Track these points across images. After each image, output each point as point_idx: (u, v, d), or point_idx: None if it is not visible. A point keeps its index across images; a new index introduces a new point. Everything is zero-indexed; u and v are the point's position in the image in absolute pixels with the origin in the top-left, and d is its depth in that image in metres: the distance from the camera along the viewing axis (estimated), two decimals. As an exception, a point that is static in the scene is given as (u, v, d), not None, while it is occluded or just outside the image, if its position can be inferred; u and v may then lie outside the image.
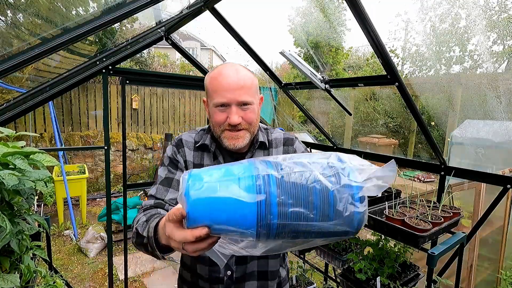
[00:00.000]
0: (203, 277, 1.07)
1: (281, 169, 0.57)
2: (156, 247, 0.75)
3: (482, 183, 2.39)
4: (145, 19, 2.23)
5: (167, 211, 0.93)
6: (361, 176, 0.55)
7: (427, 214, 1.50)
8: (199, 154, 1.08)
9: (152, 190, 1.04)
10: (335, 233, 0.55)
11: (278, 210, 0.53)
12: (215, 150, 1.06)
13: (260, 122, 1.10)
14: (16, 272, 0.98)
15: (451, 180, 1.78)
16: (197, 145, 1.08)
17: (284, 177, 0.55)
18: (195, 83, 2.62)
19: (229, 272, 1.06)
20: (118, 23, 2.05)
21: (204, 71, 2.55)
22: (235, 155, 1.07)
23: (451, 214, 1.51)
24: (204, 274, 1.07)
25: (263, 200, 0.53)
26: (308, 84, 2.27)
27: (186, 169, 1.06)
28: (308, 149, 1.21)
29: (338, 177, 0.54)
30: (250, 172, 0.57)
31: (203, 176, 0.57)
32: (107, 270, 3.05)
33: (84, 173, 4.52)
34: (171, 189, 1.02)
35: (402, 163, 2.05)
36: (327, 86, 2.09)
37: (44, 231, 1.22)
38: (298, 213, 0.53)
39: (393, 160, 0.58)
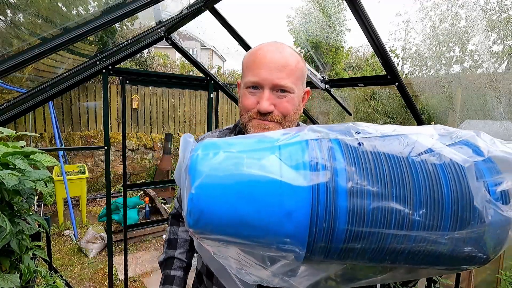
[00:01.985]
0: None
1: (357, 132, 0.31)
2: None
3: (482, 183, 2.39)
4: (145, 19, 2.23)
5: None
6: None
7: (427, 214, 1.50)
8: None
9: (173, 210, 1.03)
10: (458, 257, 0.27)
11: (349, 204, 0.26)
12: None
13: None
14: (16, 272, 0.98)
15: (451, 180, 1.78)
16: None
17: (364, 144, 0.29)
18: (195, 83, 2.62)
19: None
20: (119, 23, 2.05)
21: (204, 71, 2.55)
22: None
23: (451, 214, 1.51)
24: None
25: (322, 183, 0.27)
26: (308, 84, 2.27)
27: None
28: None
29: (467, 149, 0.29)
30: (301, 137, 0.32)
31: (221, 144, 0.35)
32: (107, 270, 3.05)
33: (84, 173, 4.52)
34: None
35: (402, 163, 2.05)
36: (327, 86, 2.09)
37: (44, 231, 1.22)
38: (391, 212, 0.25)
39: None
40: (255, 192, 0.28)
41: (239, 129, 0.89)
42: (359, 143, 0.29)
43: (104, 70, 2.07)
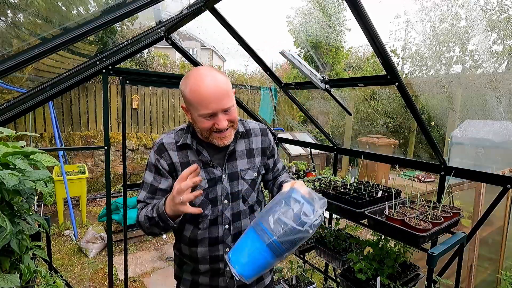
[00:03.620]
0: (204, 260, 1.16)
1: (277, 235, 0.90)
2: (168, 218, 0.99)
3: (482, 183, 2.39)
4: (145, 19, 2.23)
5: None
6: (314, 212, 0.90)
7: (427, 214, 1.50)
8: (183, 153, 1.14)
9: (140, 195, 1.15)
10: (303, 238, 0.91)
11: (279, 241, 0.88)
12: (197, 146, 1.13)
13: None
14: (16, 272, 0.98)
15: (451, 180, 1.78)
16: (178, 144, 1.13)
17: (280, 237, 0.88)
18: (195, 83, 2.61)
19: (227, 249, 1.16)
20: (119, 23, 2.05)
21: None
22: (218, 147, 1.13)
23: (451, 214, 1.51)
24: (204, 256, 1.16)
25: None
26: (308, 84, 2.27)
27: (173, 170, 1.13)
28: (274, 140, 1.38)
29: (302, 224, 0.87)
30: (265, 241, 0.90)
31: (240, 257, 0.91)
32: (107, 270, 3.05)
33: (84, 173, 4.52)
34: (156, 196, 1.13)
35: (402, 163, 2.05)
36: (327, 86, 2.09)
37: (44, 231, 1.22)
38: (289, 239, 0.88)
39: (325, 199, 0.94)
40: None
41: (192, 129, 1.14)
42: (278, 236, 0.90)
43: (104, 70, 2.07)
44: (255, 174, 1.22)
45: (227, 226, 1.16)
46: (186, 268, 1.25)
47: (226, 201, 1.15)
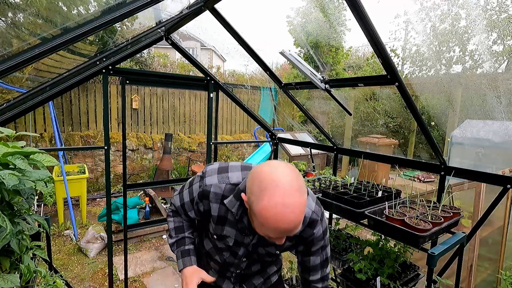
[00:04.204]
0: (215, 269, 1.27)
1: None
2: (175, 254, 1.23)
3: (482, 183, 2.39)
4: (145, 19, 2.23)
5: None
6: None
7: (427, 214, 1.50)
8: (224, 208, 1.08)
9: (178, 200, 1.23)
10: None
11: None
12: (240, 215, 1.06)
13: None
14: (16, 272, 0.98)
15: (451, 180, 1.78)
16: (224, 200, 1.06)
17: None
18: (195, 83, 2.62)
19: (238, 271, 1.23)
20: (119, 23, 2.05)
21: (204, 71, 2.55)
22: None
23: (451, 214, 1.51)
24: (214, 268, 1.27)
25: None
26: (308, 84, 2.27)
27: (206, 215, 1.14)
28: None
29: None
30: None
31: None
32: (107, 270, 3.05)
33: (84, 173, 4.52)
34: (185, 211, 1.23)
35: (402, 163, 2.05)
36: (327, 86, 2.09)
37: (44, 231, 1.22)
38: None
39: None
40: None
41: (240, 203, 1.04)
42: None
43: (104, 70, 2.07)
44: (277, 252, 1.20)
45: (238, 271, 1.24)
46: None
47: (244, 259, 1.18)
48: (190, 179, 1.22)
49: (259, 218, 0.89)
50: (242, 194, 0.98)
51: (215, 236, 1.15)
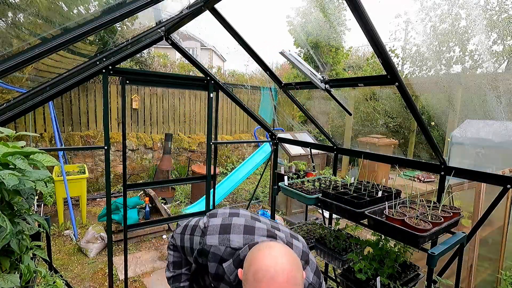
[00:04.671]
0: None
1: None
2: None
3: (482, 183, 2.39)
4: (145, 19, 2.23)
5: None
6: None
7: (427, 214, 1.50)
8: (222, 268, 1.07)
9: (177, 240, 1.26)
10: None
11: None
12: (237, 284, 1.03)
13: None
14: (16, 272, 0.98)
15: (451, 180, 1.78)
16: (223, 264, 1.06)
17: None
18: (195, 83, 2.62)
19: None
20: (119, 23, 2.05)
21: (204, 71, 2.55)
22: None
23: (451, 214, 1.51)
24: None
25: None
26: (308, 84, 2.27)
27: (204, 271, 1.16)
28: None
29: None
30: None
31: None
32: (107, 270, 3.05)
33: (84, 173, 4.52)
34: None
35: (402, 163, 2.05)
36: (327, 86, 2.09)
37: (44, 231, 1.22)
38: None
39: None
40: None
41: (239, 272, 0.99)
42: None
43: (104, 70, 2.07)
44: None
45: None
46: None
47: None
48: (192, 222, 1.20)
49: (249, 278, 0.88)
50: (239, 271, 0.97)
51: (212, 285, 1.16)
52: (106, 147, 2.16)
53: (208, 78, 2.57)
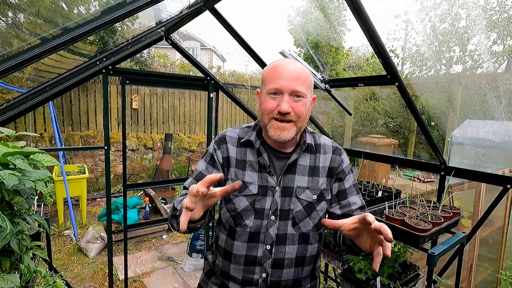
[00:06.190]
0: (236, 279, 1.03)
1: None
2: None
3: (482, 183, 2.39)
4: (145, 19, 2.23)
5: None
6: None
7: (427, 214, 1.50)
8: (242, 150, 1.06)
9: (186, 182, 1.10)
10: None
11: None
12: (259, 147, 1.03)
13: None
14: (16, 272, 0.98)
15: (451, 180, 1.78)
16: (241, 141, 1.06)
17: None
18: (195, 83, 2.62)
19: (264, 275, 1.01)
20: (119, 23, 2.05)
21: (204, 71, 2.55)
22: (279, 154, 1.04)
23: (451, 214, 1.51)
24: (237, 275, 1.02)
25: None
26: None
27: (227, 164, 1.05)
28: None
29: None
30: None
31: None
32: (107, 270, 3.05)
33: (84, 173, 4.52)
34: None
35: (402, 163, 2.05)
36: (327, 86, 2.09)
37: (44, 231, 1.22)
38: None
39: None
40: None
41: (259, 128, 1.06)
42: None
43: (104, 70, 2.07)
44: (314, 197, 1.03)
45: (268, 247, 1.00)
46: (213, 280, 1.13)
47: (273, 217, 1.00)
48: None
49: (264, 74, 1.00)
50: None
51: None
52: (106, 147, 2.16)
53: (208, 78, 2.57)
